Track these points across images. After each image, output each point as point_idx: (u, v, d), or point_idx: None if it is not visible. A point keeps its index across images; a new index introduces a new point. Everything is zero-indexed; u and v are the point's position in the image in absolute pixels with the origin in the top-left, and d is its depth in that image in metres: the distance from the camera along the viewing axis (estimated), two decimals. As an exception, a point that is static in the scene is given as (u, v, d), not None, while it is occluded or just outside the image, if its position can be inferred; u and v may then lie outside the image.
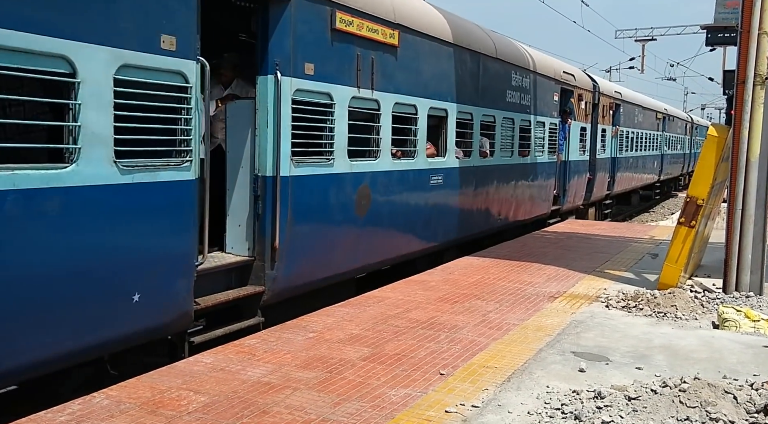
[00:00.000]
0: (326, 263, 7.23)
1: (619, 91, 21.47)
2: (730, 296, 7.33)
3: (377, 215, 8.07)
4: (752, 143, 7.36)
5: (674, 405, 4.00)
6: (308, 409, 4.18)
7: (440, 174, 9.54)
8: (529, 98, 12.90)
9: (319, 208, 7.06)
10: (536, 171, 13.58)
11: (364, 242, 7.85)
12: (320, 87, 6.91)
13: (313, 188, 6.93)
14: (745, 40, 7.33)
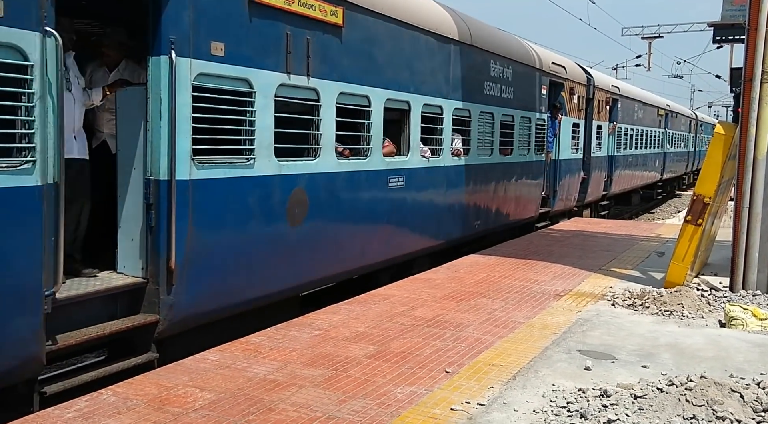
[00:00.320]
0: (247, 284, 6.11)
1: (617, 85, 20.40)
2: (737, 295, 7.30)
3: (317, 224, 6.94)
4: (759, 141, 7.33)
5: (680, 404, 4.00)
6: (314, 406, 4.19)
7: (401, 175, 8.44)
8: (512, 91, 11.68)
9: (234, 218, 5.91)
10: (521, 171, 12.45)
11: (302, 257, 6.73)
12: (234, 71, 5.79)
13: (225, 194, 5.79)
14: (753, 38, 7.29)
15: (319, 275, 7.13)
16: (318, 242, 6.97)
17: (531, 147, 12.79)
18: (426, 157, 9.12)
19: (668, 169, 29.80)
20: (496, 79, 11.10)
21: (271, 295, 6.48)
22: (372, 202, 7.96)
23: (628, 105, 21.36)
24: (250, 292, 6.17)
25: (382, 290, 7.47)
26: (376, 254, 8.10)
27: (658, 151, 26.84)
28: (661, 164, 28.05)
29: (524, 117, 12.40)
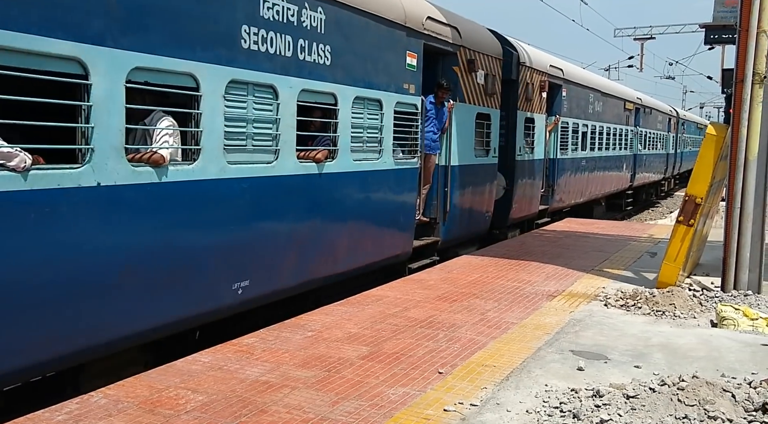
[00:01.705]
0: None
1: (561, 67, 15.33)
2: (728, 295, 7.33)
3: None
4: (751, 142, 7.36)
5: (672, 403, 4.00)
6: (306, 408, 4.18)
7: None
8: (333, 51, 7.06)
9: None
10: (357, 186, 7.84)
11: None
12: None
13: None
14: (744, 39, 7.33)
15: None
16: None
17: (384, 146, 8.22)
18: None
19: (641, 175, 24.89)
20: (278, 24, 6.26)
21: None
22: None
23: (579, 94, 16.65)
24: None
25: (374, 291, 7.46)
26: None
27: (625, 153, 22.07)
28: (631, 169, 23.29)
29: (366, 99, 7.84)
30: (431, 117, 9.52)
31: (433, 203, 9.82)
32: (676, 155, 33.85)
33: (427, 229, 9.84)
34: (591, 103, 17.81)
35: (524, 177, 13.14)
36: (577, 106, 16.67)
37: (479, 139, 11.05)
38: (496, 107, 11.55)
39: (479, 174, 11.08)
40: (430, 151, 9.48)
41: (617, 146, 21.05)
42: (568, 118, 15.84)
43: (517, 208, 12.85)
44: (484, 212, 11.46)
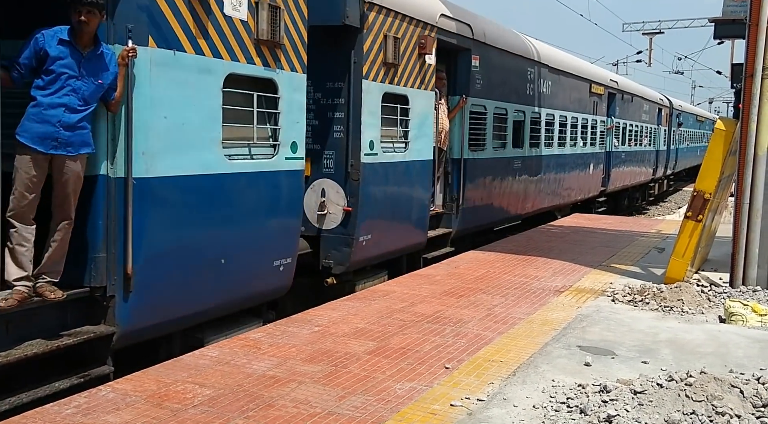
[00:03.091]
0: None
1: (468, 21, 10.08)
2: (737, 290, 7.30)
3: None
4: (760, 137, 7.32)
5: (680, 399, 3.99)
6: (313, 402, 4.19)
7: None
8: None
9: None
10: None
11: None
12: None
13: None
14: (754, 34, 7.28)
15: None
16: None
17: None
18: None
19: (618, 177, 20.04)
20: None
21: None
22: None
23: (507, 67, 11.46)
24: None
25: (381, 286, 7.46)
26: None
27: (592, 150, 17.13)
28: (604, 171, 18.60)
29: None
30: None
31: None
32: (668, 152, 27.95)
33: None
34: (530, 82, 12.55)
35: (386, 189, 8.14)
36: (504, 84, 11.39)
37: (267, 126, 6.14)
38: (290, 68, 6.19)
39: (257, 188, 6.01)
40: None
41: (578, 141, 15.84)
42: (485, 100, 10.62)
43: (374, 240, 7.88)
44: (278, 253, 6.27)
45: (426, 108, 8.96)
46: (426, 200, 9.10)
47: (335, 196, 7.63)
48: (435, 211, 9.71)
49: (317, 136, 7.66)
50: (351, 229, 7.56)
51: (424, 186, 9.03)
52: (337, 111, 7.60)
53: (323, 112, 7.65)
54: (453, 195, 10.08)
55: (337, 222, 7.59)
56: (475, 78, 10.37)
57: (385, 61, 7.90)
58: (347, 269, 7.64)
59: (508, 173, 11.96)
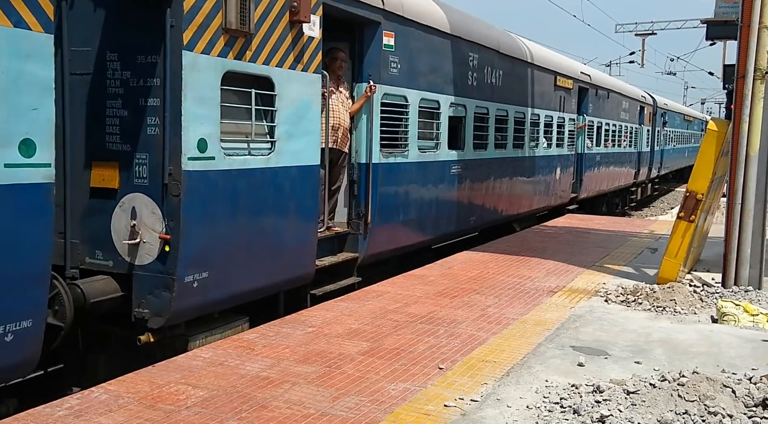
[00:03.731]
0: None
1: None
2: (729, 291, 7.33)
3: None
4: (752, 138, 7.35)
5: (673, 399, 4.00)
6: (307, 403, 4.18)
7: None
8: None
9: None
10: None
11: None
12: None
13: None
14: (745, 35, 7.31)
15: None
16: None
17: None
18: None
19: (592, 182, 18.05)
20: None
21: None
22: None
23: (433, 47, 9.24)
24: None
25: (375, 287, 7.46)
26: None
27: (559, 152, 15.08)
28: (575, 174, 16.61)
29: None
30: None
31: None
32: (652, 154, 26.05)
33: None
34: (474, 70, 10.42)
35: (236, 205, 5.91)
36: (435, 70, 9.33)
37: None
38: (13, 22, 4.08)
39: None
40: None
41: (541, 142, 13.79)
42: (405, 89, 8.53)
43: (215, 280, 5.70)
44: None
45: (306, 96, 6.63)
46: (310, 219, 6.81)
47: (150, 218, 5.39)
48: (333, 231, 7.68)
49: (127, 133, 5.50)
50: (171, 265, 5.33)
51: (307, 200, 6.72)
52: (151, 96, 5.41)
53: (133, 98, 5.47)
54: (360, 210, 7.90)
55: (154, 255, 5.38)
56: (390, 61, 8.13)
57: (226, 27, 5.58)
58: (168, 321, 5.38)
59: (443, 181, 9.76)
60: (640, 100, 23.60)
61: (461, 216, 10.48)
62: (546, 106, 14.04)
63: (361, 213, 7.95)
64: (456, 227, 10.40)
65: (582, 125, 16.69)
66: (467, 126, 10.44)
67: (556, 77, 14.51)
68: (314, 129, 6.84)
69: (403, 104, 8.60)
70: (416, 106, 8.86)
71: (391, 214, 8.51)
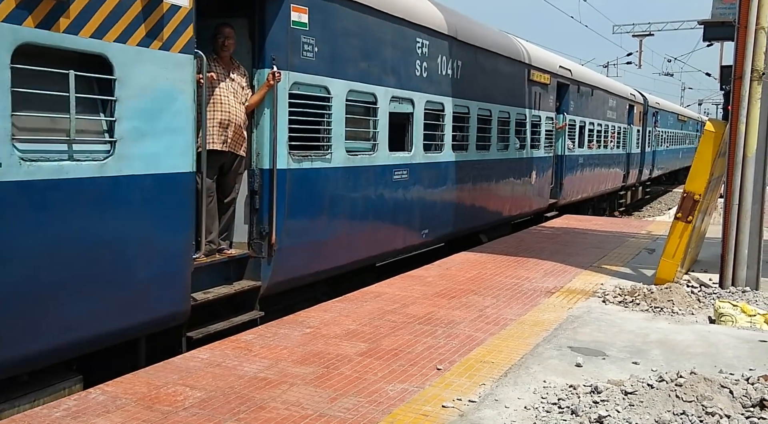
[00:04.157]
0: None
1: None
2: (726, 291, 7.34)
3: None
4: (749, 139, 7.36)
5: (671, 400, 4.01)
6: (305, 404, 4.18)
7: None
8: None
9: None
10: None
11: None
12: None
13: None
14: (743, 36, 7.32)
15: None
16: None
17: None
18: None
19: (573, 186, 16.62)
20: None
21: None
22: None
23: (361, 26, 7.75)
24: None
25: (373, 288, 7.46)
26: None
27: (534, 154, 13.69)
28: (554, 178, 15.33)
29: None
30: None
31: None
32: (643, 156, 24.71)
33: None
34: (422, 59, 9.02)
35: (37, 229, 4.34)
36: (369, 57, 7.84)
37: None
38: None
39: None
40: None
41: (512, 143, 12.39)
42: (327, 78, 7.11)
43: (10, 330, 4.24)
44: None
45: (168, 83, 5.24)
46: (178, 242, 5.41)
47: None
48: (226, 255, 6.29)
49: None
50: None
51: (172, 218, 5.35)
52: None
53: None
54: (262, 228, 6.43)
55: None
56: (303, 42, 6.71)
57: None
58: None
59: (384, 189, 8.32)
60: (628, 99, 22.16)
61: (410, 229, 9.03)
62: (518, 103, 12.59)
63: (264, 231, 6.42)
64: (404, 242, 8.94)
65: (562, 125, 15.48)
66: (415, 124, 8.99)
67: (530, 71, 13.01)
68: (182, 126, 5.34)
69: (322, 97, 7.08)
70: (342, 100, 7.34)
71: (307, 231, 6.97)
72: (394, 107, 8.45)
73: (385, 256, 8.86)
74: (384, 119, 8.22)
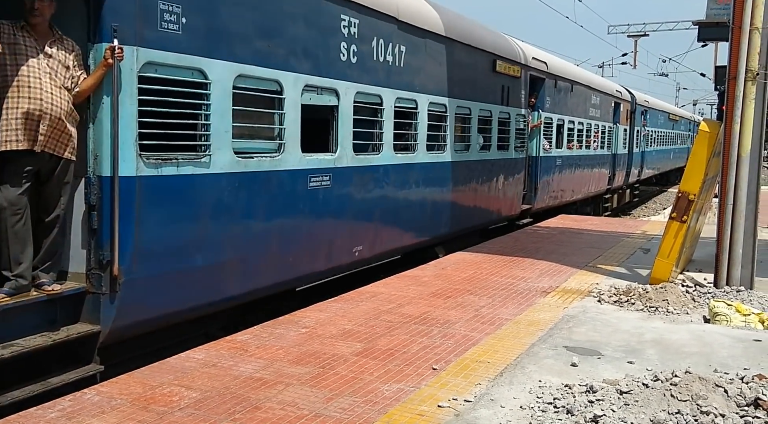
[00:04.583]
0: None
1: None
2: (721, 291, 7.36)
3: None
4: (743, 139, 7.39)
5: (665, 399, 4.02)
6: (301, 404, 4.18)
7: None
8: None
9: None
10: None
11: None
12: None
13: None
14: (737, 36, 7.35)
15: None
16: None
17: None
18: None
19: (549, 191, 15.12)
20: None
21: None
22: None
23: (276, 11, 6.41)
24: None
25: (369, 288, 7.46)
26: None
27: (502, 155, 12.19)
28: (527, 182, 13.78)
29: None
30: None
31: None
32: (630, 157, 23.34)
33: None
34: (351, 42, 7.59)
35: None
36: (271, 35, 6.42)
37: None
38: None
39: None
40: None
41: (474, 143, 10.96)
42: (202, 58, 5.61)
43: None
44: None
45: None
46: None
47: None
48: (44, 292, 4.74)
49: None
50: None
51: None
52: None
53: None
54: (102, 255, 4.91)
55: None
56: (162, 10, 5.23)
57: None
58: None
59: (294, 198, 6.80)
60: (614, 96, 20.63)
61: (336, 246, 7.55)
62: (480, 97, 10.99)
63: (103, 259, 4.90)
64: (328, 263, 7.45)
65: (536, 123, 13.90)
66: (341, 120, 7.45)
67: (495, 62, 11.51)
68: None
69: (196, 82, 5.55)
70: (228, 88, 5.83)
71: (174, 256, 5.43)
72: (309, 99, 6.93)
73: (303, 280, 7.37)
74: (294, 114, 6.65)
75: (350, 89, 7.59)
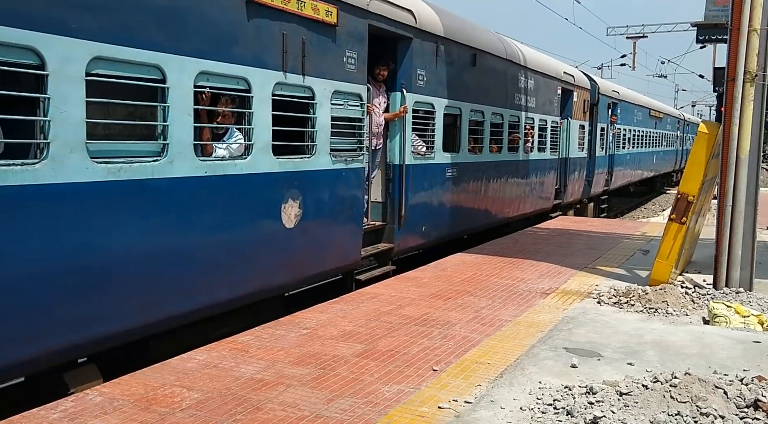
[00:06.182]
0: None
1: None
2: (720, 292, 7.37)
3: None
4: (742, 140, 7.40)
5: (665, 400, 4.03)
6: (301, 405, 4.19)
7: None
8: None
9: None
10: None
11: None
12: None
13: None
14: (735, 38, 7.37)
15: None
16: None
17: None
18: None
19: (429, 222, 9.56)
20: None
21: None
22: None
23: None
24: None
25: (369, 289, 7.48)
26: None
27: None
28: (396, 207, 8.72)
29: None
30: None
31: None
32: (592, 162, 18.72)
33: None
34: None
35: None
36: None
37: None
38: None
39: None
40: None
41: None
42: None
43: None
44: None
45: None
46: None
47: None
48: None
49: None
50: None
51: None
52: None
53: None
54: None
55: None
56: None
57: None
58: None
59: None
60: (561, 80, 15.34)
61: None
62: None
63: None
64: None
65: (399, 111, 8.67)
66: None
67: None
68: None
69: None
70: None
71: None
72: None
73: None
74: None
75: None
